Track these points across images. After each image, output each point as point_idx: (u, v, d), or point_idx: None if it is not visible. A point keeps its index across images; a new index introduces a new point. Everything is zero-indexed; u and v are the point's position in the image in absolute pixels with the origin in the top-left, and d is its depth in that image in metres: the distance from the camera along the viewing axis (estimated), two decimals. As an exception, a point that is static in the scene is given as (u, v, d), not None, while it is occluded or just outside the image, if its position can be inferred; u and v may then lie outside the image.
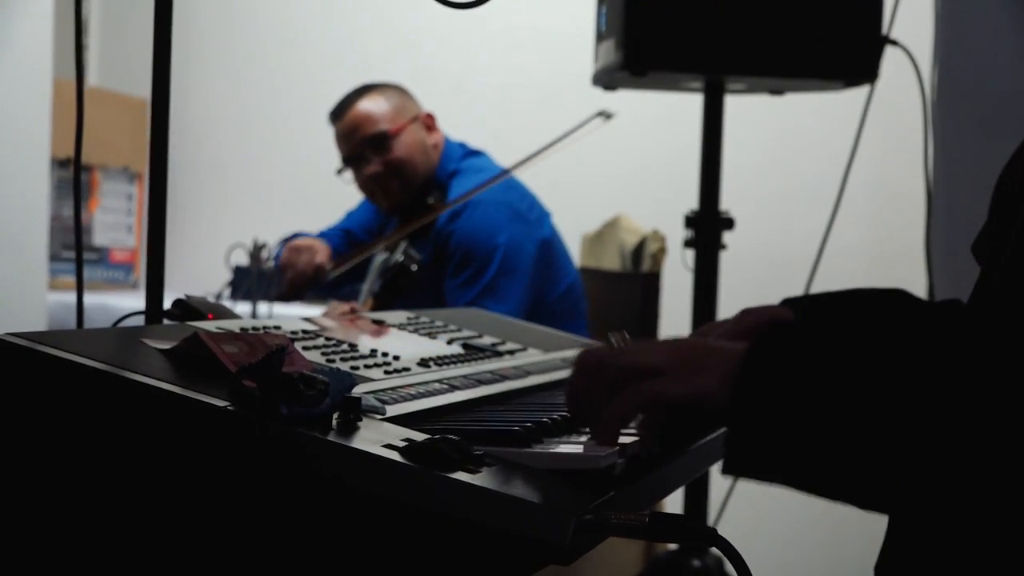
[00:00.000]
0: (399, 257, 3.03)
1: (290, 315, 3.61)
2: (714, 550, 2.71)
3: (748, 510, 3.85)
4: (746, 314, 1.17)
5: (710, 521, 2.83)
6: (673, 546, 2.81)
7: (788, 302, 1.22)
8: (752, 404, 0.94)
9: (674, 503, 2.73)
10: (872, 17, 2.42)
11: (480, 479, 0.89)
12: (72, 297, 3.85)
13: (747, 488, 3.11)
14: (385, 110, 3.25)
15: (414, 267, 3.03)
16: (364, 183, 3.29)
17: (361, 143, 3.23)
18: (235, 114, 4.75)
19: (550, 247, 3.21)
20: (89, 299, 3.85)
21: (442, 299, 3.12)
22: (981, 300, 1.11)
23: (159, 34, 1.25)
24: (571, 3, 4.01)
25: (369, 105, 3.26)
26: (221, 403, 0.94)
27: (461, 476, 0.88)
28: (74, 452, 0.98)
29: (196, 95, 4.58)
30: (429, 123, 3.31)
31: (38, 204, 3.33)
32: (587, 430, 1.11)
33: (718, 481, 2.63)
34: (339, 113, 3.31)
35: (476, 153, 3.36)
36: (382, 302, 2.98)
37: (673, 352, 1.02)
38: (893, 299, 1.19)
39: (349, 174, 3.33)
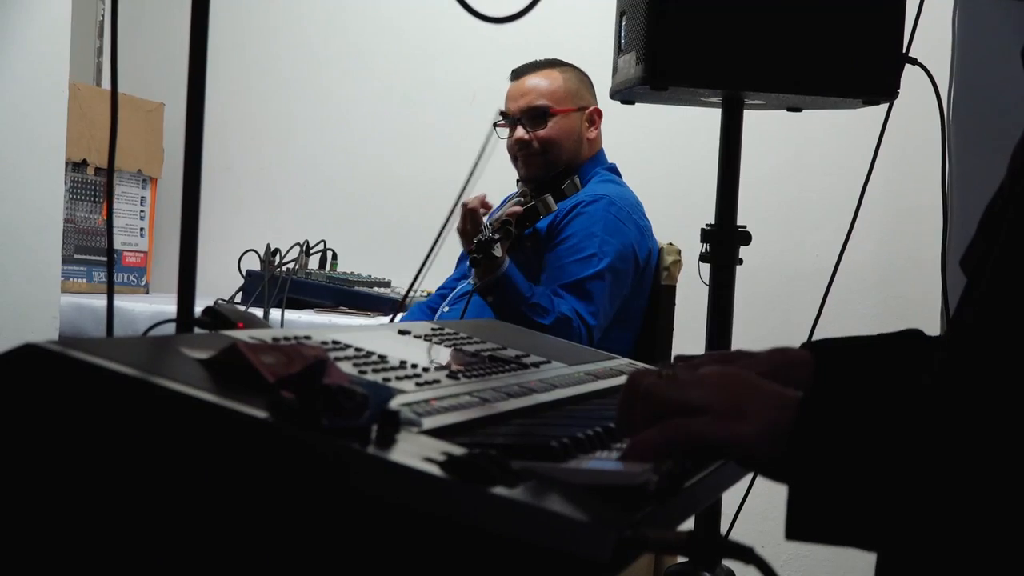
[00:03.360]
0: (537, 204, 3.12)
1: (300, 322, 3.63)
2: (726, 563, 2.72)
3: (758, 523, 3.86)
4: (777, 353, 1.23)
5: (721, 533, 2.83)
6: (682, 559, 2.81)
7: (809, 347, 1.29)
8: (811, 472, 0.98)
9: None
10: (892, 35, 2.42)
11: (520, 494, 0.89)
12: (83, 300, 3.87)
13: (758, 501, 3.11)
14: (557, 88, 3.34)
15: (541, 215, 3.11)
16: (511, 146, 3.36)
17: (523, 109, 3.34)
18: (248, 121, 4.76)
19: (642, 274, 3.27)
20: (101, 302, 3.87)
21: (536, 270, 3.19)
22: (965, 314, 1.15)
23: (195, 46, 1.25)
24: (589, 16, 4.02)
25: (546, 78, 3.37)
26: (261, 414, 0.95)
27: (501, 491, 0.89)
28: (109, 461, 0.98)
29: (209, 101, 4.57)
30: (594, 119, 3.40)
31: (53, 207, 3.34)
32: (619, 444, 1.11)
33: (729, 494, 2.63)
34: (519, 73, 3.42)
35: (619, 175, 3.45)
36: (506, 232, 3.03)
37: (717, 391, 1.04)
38: (908, 350, 1.25)
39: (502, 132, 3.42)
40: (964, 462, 0.95)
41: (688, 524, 2.76)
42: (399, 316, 3.23)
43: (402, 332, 1.54)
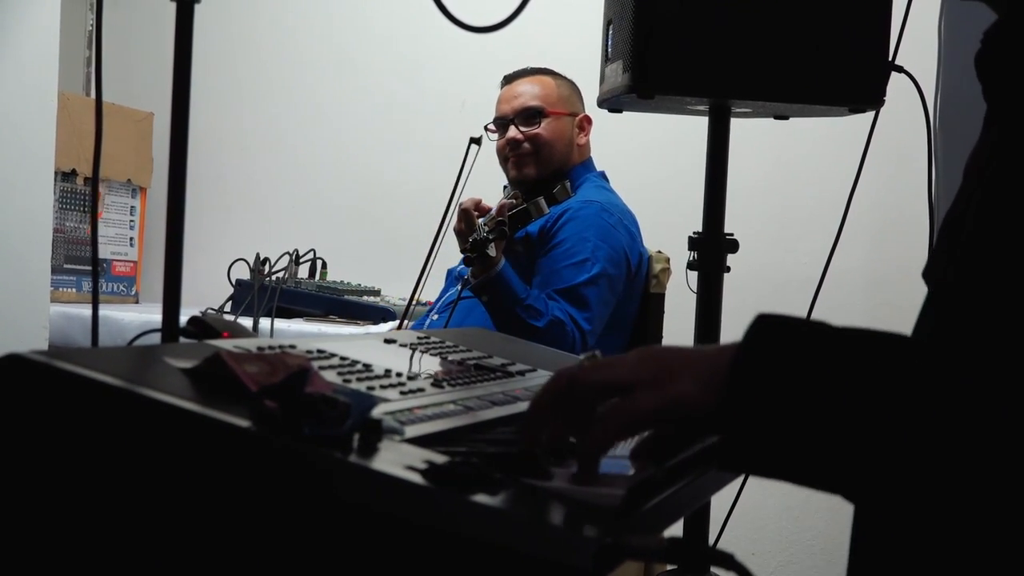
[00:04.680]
0: (529, 207, 3.08)
1: (290, 331, 3.63)
2: (715, 571, 2.72)
3: (747, 530, 3.86)
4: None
5: (709, 541, 2.84)
6: (671, 567, 2.82)
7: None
8: (747, 400, 0.95)
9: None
10: (878, 43, 2.43)
11: (501, 502, 0.89)
12: (73, 309, 3.87)
13: (747, 508, 3.11)
14: (550, 92, 3.40)
15: (533, 218, 3.09)
16: (501, 147, 3.40)
17: (516, 110, 3.37)
18: (238, 130, 4.76)
19: (634, 279, 3.27)
20: (90, 312, 3.85)
21: (528, 274, 3.19)
22: (926, 325, 1.14)
23: (179, 54, 1.26)
24: (576, 25, 4.03)
25: (538, 83, 3.42)
26: (243, 423, 0.95)
27: (482, 499, 0.89)
28: (93, 471, 0.98)
29: (199, 111, 4.52)
30: (584, 126, 3.43)
31: (42, 216, 3.34)
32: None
33: (718, 501, 2.64)
34: (511, 78, 3.46)
35: (607, 181, 3.46)
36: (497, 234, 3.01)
37: (641, 363, 1.01)
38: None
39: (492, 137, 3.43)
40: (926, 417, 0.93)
41: (678, 531, 2.77)
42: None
43: (388, 341, 1.55)
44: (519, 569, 0.88)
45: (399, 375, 1.31)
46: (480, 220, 3.04)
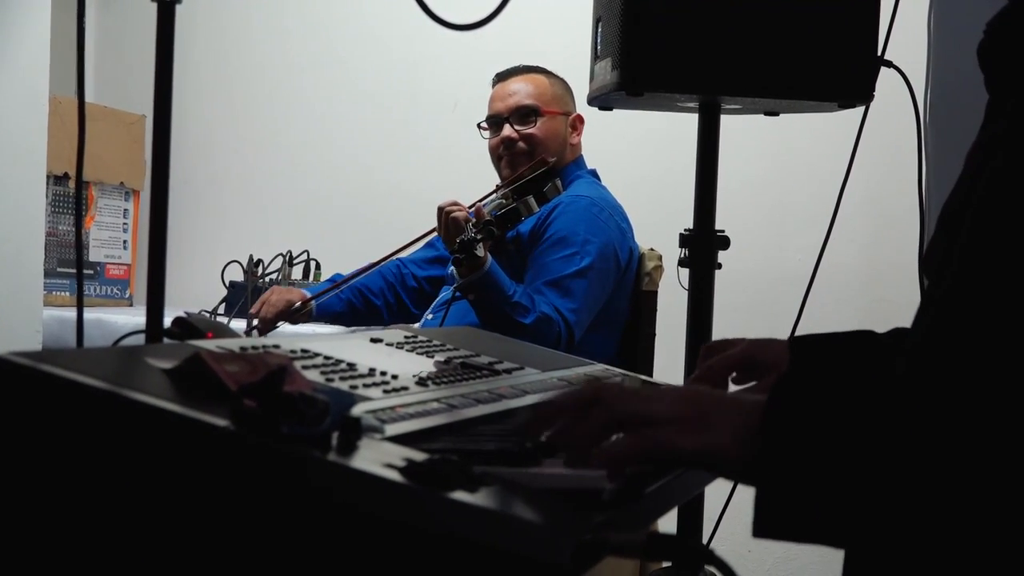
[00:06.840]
0: (519, 206, 3.08)
1: (282, 331, 3.62)
2: (708, 568, 2.71)
3: (742, 528, 3.85)
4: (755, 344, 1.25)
5: (704, 538, 2.83)
6: (667, 564, 2.82)
7: (793, 342, 1.36)
8: (780, 471, 0.97)
9: (668, 520, 2.74)
10: (867, 39, 2.43)
11: (480, 499, 0.89)
12: (67, 313, 3.86)
13: (741, 506, 3.11)
14: (544, 91, 3.39)
15: (523, 217, 3.09)
16: (495, 146, 3.40)
17: (510, 108, 3.37)
18: (231, 132, 4.76)
19: (624, 275, 3.27)
20: (85, 315, 3.85)
21: (520, 273, 3.19)
22: (928, 316, 1.15)
23: (160, 55, 1.26)
24: (566, 22, 4.03)
25: (533, 81, 3.41)
26: (222, 422, 0.95)
27: (461, 496, 0.89)
28: (74, 471, 0.98)
29: (193, 113, 4.59)
30: (577, 126, 3.43)
31: (34, 220, 3.33)
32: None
33: (712, 498, 2.64)
34: (505, 76, 3.45)
35: (598, 179, 3.47)
36: (488, 232, 3.00)
37: (681, 404, 1.03)
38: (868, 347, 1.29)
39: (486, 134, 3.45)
40: (926, 459, 0.95)
41: (672, 527, 2.76)
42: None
43: (374, 340, 1.54)
44: (499, 566, 0.88)
45: (383, 374, 1.30)
46: (468, 223, 3.04)
